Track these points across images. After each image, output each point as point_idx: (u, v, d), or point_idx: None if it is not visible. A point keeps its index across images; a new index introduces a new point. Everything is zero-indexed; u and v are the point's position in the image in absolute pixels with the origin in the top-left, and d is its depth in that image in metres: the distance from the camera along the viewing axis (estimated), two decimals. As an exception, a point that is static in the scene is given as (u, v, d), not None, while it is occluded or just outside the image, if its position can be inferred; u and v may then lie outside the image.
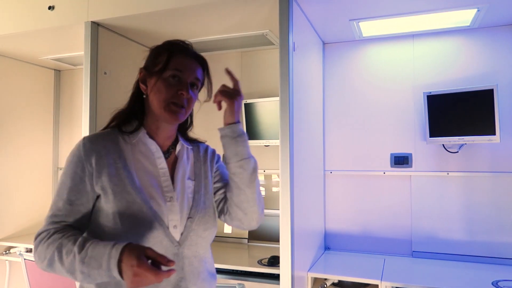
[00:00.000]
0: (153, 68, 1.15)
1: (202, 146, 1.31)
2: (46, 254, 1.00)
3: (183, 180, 1.18)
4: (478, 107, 2.30)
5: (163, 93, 1.11)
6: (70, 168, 1.08)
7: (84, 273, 0.94)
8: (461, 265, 2.37)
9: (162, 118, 1.13)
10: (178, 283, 1.09)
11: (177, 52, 1.16)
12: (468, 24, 2.44)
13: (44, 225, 1.06)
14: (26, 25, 2.56)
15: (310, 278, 2.26)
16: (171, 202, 1.12)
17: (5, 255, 3.07)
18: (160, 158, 1.15)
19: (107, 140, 1.12)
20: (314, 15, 2.32)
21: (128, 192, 1.06)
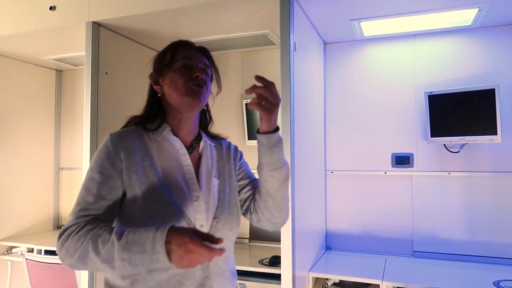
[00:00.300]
0: (162, 68, 1.17)
1: (224, 143, 1.30)
2: (77, 247, 0.95)
3: (208, 179, 1.17)
4: (480, 107, 2.30)
5: (179, 81, 1.12)
6: (98, 164, 1.07)
7: (124, 260, 0.90)
8: (462, 265, 2.37)
9: (184, 104, 1.12)
10: (203, 281, 1.09)
11: (180, 46, 1.19)
12: (470, 24, 2.44)
13: (72, 220, 1.02)
14: (28, 25, 2.57)
15: (311, 278, 2.26)
16: (197, 201, 1.11)
17: (6, 255, 3.08)
18: (185, 155, 1.15)
19: (134, 137, 1.12)
20: (315, 15, 2.32)
21: (156, 190, 1.06)
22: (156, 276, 1.04)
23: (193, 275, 1.07)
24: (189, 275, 1.06)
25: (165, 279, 1.03)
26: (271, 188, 1.16)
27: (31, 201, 3.36)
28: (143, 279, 1.04)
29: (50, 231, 3.47)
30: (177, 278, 1.05)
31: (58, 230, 3.50)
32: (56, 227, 3.55)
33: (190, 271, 1.06)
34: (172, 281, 1.04)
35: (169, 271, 1.04)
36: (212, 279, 1.11)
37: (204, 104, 1.16)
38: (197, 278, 1.08)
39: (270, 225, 1.23)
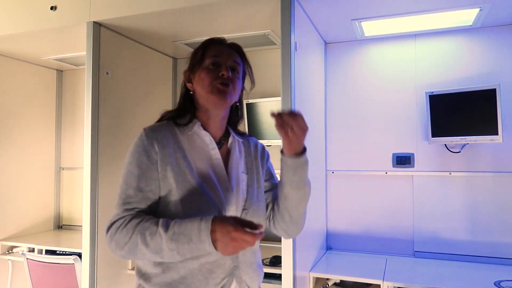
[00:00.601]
0: (193, 66, 1.21)
1: (251, 140, 1.33)
2: (127, 240, 1.02)
3: (237, 173, 1.21)
4: (481, 107, 2.30)
5: (206, 79, 1.15)
6: (135, 158, 1.11)
7: (172, 250, 0.98)
8: (463, 265, 2.37)
9: (211, 102, 1.16)
10: (233, 271, 1.13)
11: (211, 43, 1.22)
12: (471, 24, 2.44)
13: (117, 214, 1.08)
14: (29, 25, 2.57)
15: (312, 278, 2.26)
16: (227, 193, 1.15)
17: (7, 254, 3.08)
18: (214, 149, 1.19)
19: (166, 130, 1.15)
20: (316, 15, 2.32)
21: (189, 181, 1.10)
22: (188, 264, 1.07)
23: (223, 264, 1.11)
24: (220, 264, 1.10)
25: (196, 267, 1.07)
26: (290, 205, 1.19)
27: (32, 201, 3.36)
28: (175, 266, 1.08)
29: (51, 231, 3.47)
30: (208, 267, 1.09)
31: (59, 230, 3.52)
32: (56, 227, 3.56)
33: (220, 260, 1.10)
34: (203, 270, 1.08)
35: (200, 259, 1.08)
36: (241, 268, 1.15)
37: (229, 102, 1.18)
38: (227, 267, 1.11)
39: (285, 235, 1.29)
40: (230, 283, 1.12)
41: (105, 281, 2.49)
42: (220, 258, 1.10)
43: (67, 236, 3.30)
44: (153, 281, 1.10)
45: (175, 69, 3.29)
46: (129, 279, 2.73)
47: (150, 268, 1.12)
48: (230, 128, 1.27)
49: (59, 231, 3.50)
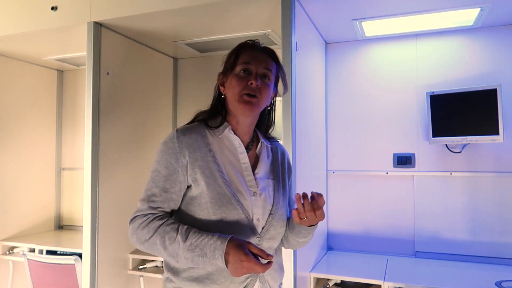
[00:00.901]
0: (226, 70, 1.23)
1: (279, 147, 1.36)
2: (147, 238, 1.10)
3: (264, 178, 1.24)
4: (481, 107, 2.29)
5: (236, 87, 1.17)
6: (164, 159, 1.15)
7: (187, 258, 1.06)
8: (464, 266, 2.36)
9: (238, 111, 1.18)
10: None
11: (244, 48, 1.22)
12: (471, 24, 2.44)
13: (141, 209, 1.15)
14: (29, 25, 2.57)
15: (312, 278, 2.25)
16: (255, 196, 1.18)
17: (8, 255, 3.08)
18: (243, 153, 1.22)
19: (198, 133, 1.18)
20: (316, 15, 2.32)
21: (219, 184, 1.13)
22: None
23: None
24: None
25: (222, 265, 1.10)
26: (287, 242, 1.31)
27: (33, 201, 3.36)
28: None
29: (51, 231, 3.47)
30: None
31: (60, 230, 3.52)
32: (57, 227, 3.56)
33: None
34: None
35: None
36: None
37: (257, 111, 1.21)
38: None
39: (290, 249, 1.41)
40: (254, 283, 1.17)
41: (106, 281, 2.49)
42: None
43: (67, 236, 3.30)
44: (181, 276, 1.16)
45: (175, 69, 3.28)
46: (129, 279, 2.73)
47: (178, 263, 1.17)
48: (260, 133, 1.30)
49: (60, 231, 3.50)
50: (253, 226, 1.15)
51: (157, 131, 3.05)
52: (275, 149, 1.33)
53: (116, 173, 2.58)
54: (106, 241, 2.49)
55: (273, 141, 1.34)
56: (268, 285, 1.20)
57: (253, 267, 0.99)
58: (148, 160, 2.91)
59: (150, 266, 2.72)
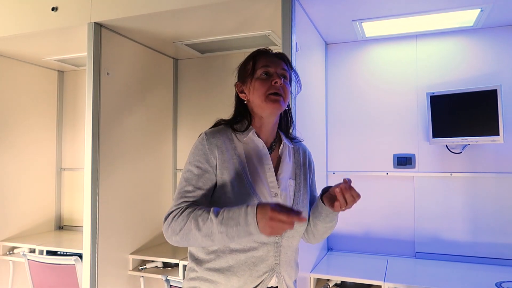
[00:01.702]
0: (245, 77, 1.30)
1: (301, 147, 1.42)
2: (182, 226, 1.13)
3: (286, 179, 1.30)
4: (482, 107, 2.29)
5: (261, 88, 1.24)
6: (195, 160, 1.22)
7: (222, 232, 1.08)
8: (464, 266, 2.36)
9: (266, 110, 1.25)
10: (274, 267, 1.23)
11: (259, 55, 1.30)
12: (472, 25, 2.44)
13: (175, 205, 1.19)
14: (30, 26, 2.57)
15: (312, 279, 2.25)
16: (276, 197, 1.25)
17: (8, 255, 3.08)
18: (266, 155, 1.28)
19: (225, 136, 1.26)
20: (316, 15, 2.32)
21: (244, 185, 1.20)
22: (236, 256, 1.19)
23: (267, 260, 1.22)
24: (264, 259, 1.21)
25: (243, 259, 1.19)
26: (317, 232, 1.35)
27: (33, 202, 3.36)
28: (225, 256, 1.20)
29: (52, 232, 3.47)
30: (253, 260, 1.20)
31: (60, 230, 3.52)
32: (58, 228, 3.56)
33: (265, 256, 1.21)
34: (248, 262, 1.20)
35: (248, 253, 1.20)
36: (281, 265, 1.25)
37: (283, 109, 1.27)
38: (269, 263, 1.22)
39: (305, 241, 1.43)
40: (271, 278, 1.23)
41: (106, 281, 2.49)
42: (264, 254, 1.21)
43: (68, 236, 3.30)
44: (204, 266, 1.22)
45: (175, 70, 3.29)
46: (130, 280, 2.73)
47: (203, 254, 1.23)
48: (282, 134, 1.36)
49: (60, 231, 3.50)
50: None
51: (158, 131, 3.05)
52: (297, 150, 1.39)
53: (116, 173, 2.58)
54: (107, 242, 2.49)
55: (295, 142, 1.41)
56: (284, 281, 1.26)
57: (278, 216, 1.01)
58: (148, 160, 2.92)
59: (151, 266, 2.72)
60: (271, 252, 1.22)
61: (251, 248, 1.19)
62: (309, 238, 1.39)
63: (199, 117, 3.19)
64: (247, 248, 1.19)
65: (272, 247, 1.22)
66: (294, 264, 1.33)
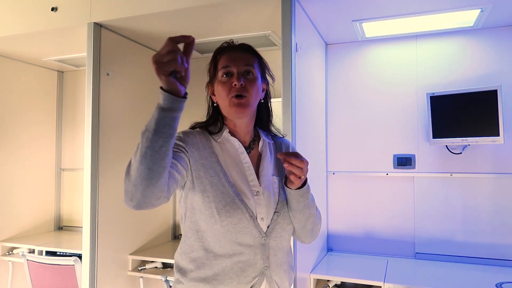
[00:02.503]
0: (211, 79, 1.25)
1: (283, 142, 1.36)
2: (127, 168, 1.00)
3: (268, 176, 1.24)
4: (482, 108, 2.29)
5: (222, 92, 1.19)
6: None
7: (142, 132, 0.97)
8: (464, 267, 2.36)
9: (232, 114, 1.20)
10: (264, 270, 1.17)
11: (220, 53, 1.24)
12: (472, 25, 2.43)
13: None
14: (29, 26, 2.57)
15: (312, 279, 2.25)
16: (258, 196, 1.19)
17: (8, 256, 3.08)
18: (243, 154, 1.23)
19: (201, 136, 1.22)
20: (316, 16, 2.32)
21: (223, 184, 1.15)
22: (221, 262, 1.13)
23: (255, 264, 1.15)
24: (251, 264, 1.15)
25: (229, 265, 1.13)
26: (298, 225, 1.25)
27: (33, 202, 3.36)
28: (209, 263, 1.14)
29: (51, 232, 3.47)
30: (240, 266, 1.13)
31: (59, 231, 3.52)
32: (57, 228, 3.55)
33: (252, 260, 1.15)
34: (235, 268, 1.13)
35: (233, 258, 1.13)
36: (272, 269, 1.18)
37: (250, 110, 1.20)
38: (258, 267, 1.16)
39: (299, 241, 1.34)
40: (261, 282, 1.16)
41: (105, 282, 2.48)
42: (251, 258, 1.14)
43: (67, 237, 3.29)
44: (188, 276, 1.16)
45: (175, 70, 3.28)
46: (129, 280, 2.72)
47: (186, 263, 1.17)
48: (260, 131, 1.30)
49: (60, 232, 3.50)
50: (258, 225, 1.16)
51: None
52: (279, 145, 1.34)
53: (116, 174, 2.58)
54: (106, 242, 2.49)
55: (277, 138, 1.34)
56: (276, 284, 1.20)
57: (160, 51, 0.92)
58: (148, 161, 2.91)
59: (150, 267, 2.72)
60: (258, 255, 1.15)
61: (236, 252, 1.13)
62: (298, 236, 1.30)
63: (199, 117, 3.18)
64: (232, 253, 1.13)
65: (259, 249, 1.15)
66: (287, 267, 1.25)
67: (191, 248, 1.17)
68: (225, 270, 1.13)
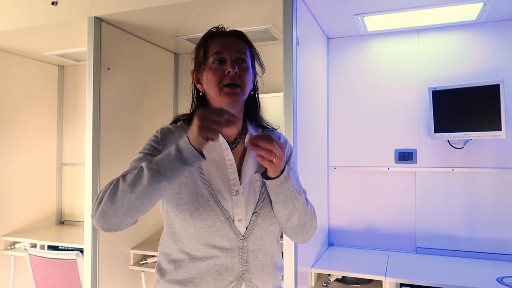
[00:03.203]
0: (198, 65, 1.16)
1: (274, 134, 1.25)
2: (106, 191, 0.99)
3: (251, 173, 1.15)
4: (484, 102, 2.28)
5: (213, 80, 1.10)
6: (146, 148, 1.15)
7: (152, 169, 0.94)
8: (465, 262, 2.36)
9: (222, 104, 1.10)
10: (242, 275, 1.11)
11: (211, 38, 1.16)
12: (474, 19, 2.42)
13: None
14: (30, 21, 2.56)
15: (313, 274, 2.25)
16: (236, 196, 1.11)
17: (10, 250, 3.09)
18: (227, 150, 1.14)
19: (182, 132, 1.15)
20: (318, 9, 2.31)
21: (197, 185, 1.08)
22: (198, 265, 1.09)
23: (232, 268, 1.09)
24: (228, 267, 1.09)
25: (205, 268, 1.08)
26: (282, 220, 1.14)
27: (34, 197, 3.36)
28: (186, 266, 1.10)
29: (53, 227, 3.48)
30: (216, 269, 1.08)
31: (61, 225, 3.53)
32: (59, 223, 3.56)
33: (229, 263, 1.09)
34: (211, 271, 1.08)
35: (209, 261, 1.08)
36: (251, 272, 1.11)
37: (242, 100, 1.13)
38: (235, 271, 1.10)
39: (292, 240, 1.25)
40: (239, 287, 1.10)
41: (107, 276, 2.49)
42: (228, 262, 1.09)
43: (69, 231, 3.30)
44: (166, 277, 1.13)
45: (176, 65, 3.27)
46: (131, 274, 2.73)
47: (165, 264, 1.14)
48: (249, 124, 1.21)
49: (61, 226, 3.51)
50: (234, 227, 1.09)
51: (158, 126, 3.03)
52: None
53: (117, 168, 2.58)
54: (107, 237, 2.49)
55: (267, 130, 1.24)
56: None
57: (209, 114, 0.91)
58: (149, 156, 2.91)
59: (151, 261, 2.72)
60: (236, 258, 1.08)
61: (213, 256, 1.07)
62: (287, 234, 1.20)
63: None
64: (208, 256, 1.07)
65: (236, 253, 1.09)
66: (273, 268, 1.17)
67: (169, 249, 1.13)
68: (202, 273, 1.08)
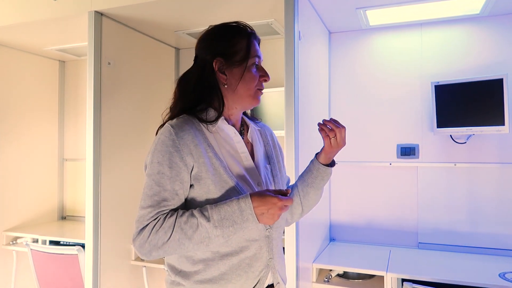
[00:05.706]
0: (233, 57, 1.13)
1: (266, 128, 1.33)
2: (165, 240, 1.01)
3: (263, 165, 1.21)
4: (487, 97, 2.26)
5: (253, 81, 1.14)
6: (166, 158, 1.05)
7: (218, 236, 1.01)
8: (467, 257, 2.35)
9: (248, 104, 1.17)
10: (268, 262, 1.15)
11: (252, 38, 1.17)
12: (478, 12, 2.39)
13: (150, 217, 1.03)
14: (30, 15, 2.55)
15: (315, 269, 2.25)
16: (260, 187, 1.15)
17: (12, 245, 3.10)
18: (240, 143, 1.16)
19: (194, 128, 1.10)
20: (320, 3, 2.29)
21: (225, 180, 1.08)
22: (228, 261, 1.08)
23: (261, 257, 1.12)
24: (258, 257, 1.12)
25: (236, 263, 1.09)
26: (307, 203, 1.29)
27: (36, 192, 3.37)
28: (216, 264, 1.08)
29: (54, 222, 3.49)
30: (247, 262, 1.10)
31: (63, 220, 3.53)
32: (60, 218, 3.57)
33: (258, 253, 1.12)
34: (242, 265, 1.09)
35: (240, 255, 1.09)
36: (275, 259, 1.17)
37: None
38: (264, 259, 1.13)
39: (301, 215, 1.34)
40: (267, 274, 1.14)
41: (109, 271, 2.50)
42: (258, 252, 1.12)
43: (70, 226, 3.31)
44: (192, 279, 1.09)
45: (177, 59, 3.26)
46: (132, 269, 2.74)
47: (188, 266, 1.10)
48: (246, 118, 1.26)
49: (63, 221, 3.51)
50: None
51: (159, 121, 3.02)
52: (263, 132, 1.30)
53: (118, 163, 2.58)
54: (109, 232, 2.50)
55: (258, 123, 1.30)
56: (279, 274, 1.18)
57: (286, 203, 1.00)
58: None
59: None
60: (264, 248, 1.12)
61: (243, 248, 1.09)
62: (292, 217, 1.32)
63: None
64: (239, 249, 1.08)
65: (264, 242, 1.12)
66: (283, 253, 1.27)
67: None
68: (233, 268, 1.08)
